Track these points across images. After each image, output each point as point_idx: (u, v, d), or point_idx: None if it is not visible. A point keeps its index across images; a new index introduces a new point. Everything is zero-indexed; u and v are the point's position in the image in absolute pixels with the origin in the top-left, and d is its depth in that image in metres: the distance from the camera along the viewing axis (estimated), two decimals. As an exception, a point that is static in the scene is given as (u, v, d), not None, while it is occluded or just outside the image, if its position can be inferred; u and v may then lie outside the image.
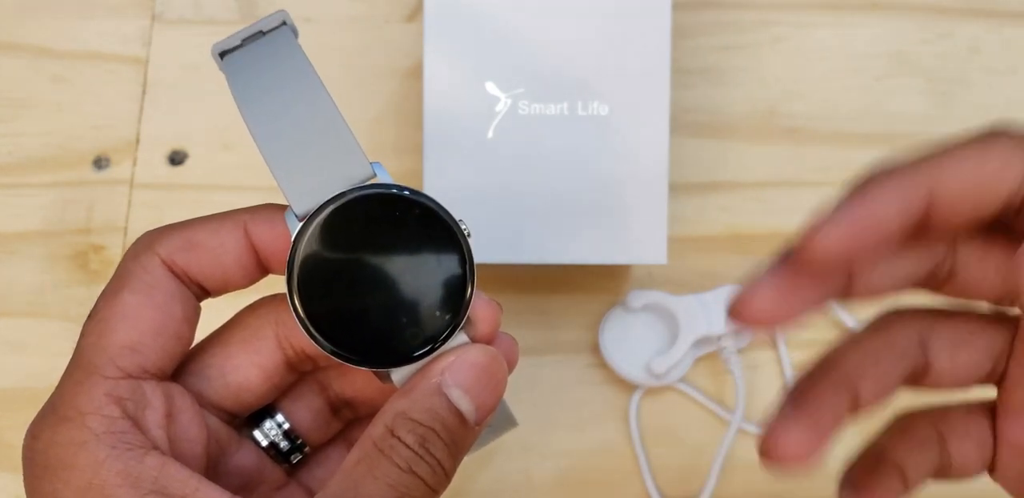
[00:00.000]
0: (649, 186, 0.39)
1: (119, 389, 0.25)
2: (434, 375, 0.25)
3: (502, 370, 0.26)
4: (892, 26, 0.47)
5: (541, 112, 0.39)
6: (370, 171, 0.26)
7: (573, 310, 0.43)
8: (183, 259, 0.27)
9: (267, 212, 0.27)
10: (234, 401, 0.28)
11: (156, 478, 0.24)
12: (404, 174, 0.45)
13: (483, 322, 0.27)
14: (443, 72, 0.39)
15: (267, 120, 0.25)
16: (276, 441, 0.29)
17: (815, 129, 0.46)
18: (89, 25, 0.47)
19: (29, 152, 0.46)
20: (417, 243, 0.25)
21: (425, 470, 0.25)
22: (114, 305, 0.26)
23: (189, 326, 0.27)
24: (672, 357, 0.40)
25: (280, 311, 0.28)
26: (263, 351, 0.28)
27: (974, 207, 0.24)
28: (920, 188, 0.23)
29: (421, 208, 0.26)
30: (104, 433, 0.24)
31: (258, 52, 0.26)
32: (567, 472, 0.41)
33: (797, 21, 0.47)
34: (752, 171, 0.45)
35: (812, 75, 0.46)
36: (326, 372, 0.30)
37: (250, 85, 0.26)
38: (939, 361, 0.27)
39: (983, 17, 0.47)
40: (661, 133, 0.39)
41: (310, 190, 0.25)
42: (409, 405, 0.25)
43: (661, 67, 0.39)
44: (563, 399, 0.42)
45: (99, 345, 0.26)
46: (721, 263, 0.44)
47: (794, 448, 0.25)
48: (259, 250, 0.27)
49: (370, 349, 0.25)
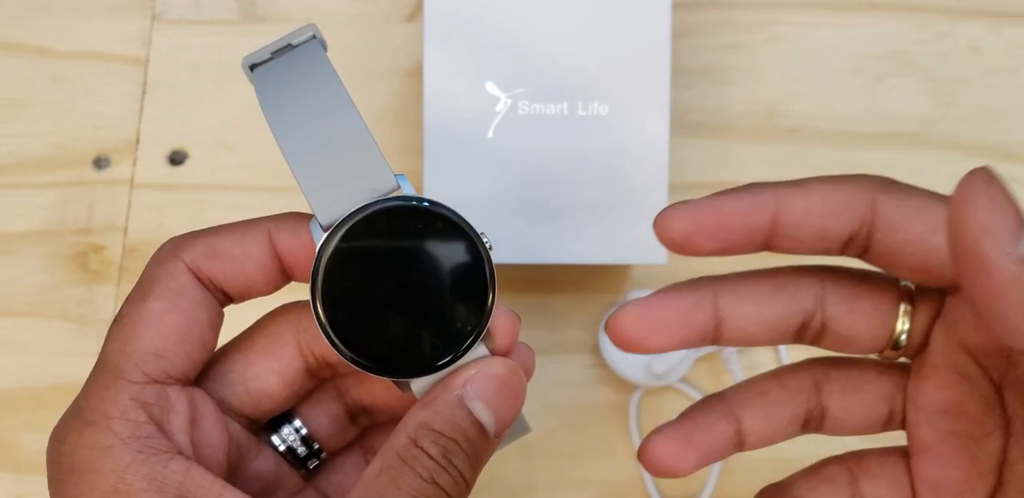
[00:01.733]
0: (649, 186, 0.39)
1: (144, 394, 0.25)
2: (456, 387, 0.26)
3: (521, 383, 0.27)
4: (892, 26, 0.47)
5: (541, 112, 0.39)
6: (394, 183, 0.26)
7: (573, 310, 0.43)
8: (208, 266, 0.27)
9: (291, 221, 0.28)
10: (255, 407, 0.28)
11: (181, 483, 0.24)
12: (404, 174, 0.44)
13: (502, 334, 0.27)
14: (443, 72, 0.39)
15: (294, 132, 0.26)
16: (294, 446, 0.30)
17: (815, 129, 0.46)
18: (89, 25, 0.47)
19: (29, 152, 0.46)
20: (439, 255, 0.26)
21: (447, 481, 0.25)
22: (140, 310, 0.26)
23: (213, 332, 0.28)
24: (672, 357, 0.40)
25: (301, 318, 0.28)
26: (284, 358, 0.28)
27: (817, 233, 0.26)
28: (767, 200, 0.26)
29: (444, 221, 0.26)
30: (129, 438, 0.24)
31: (287, 65, 0.26)
32: (567, 471, 0.41)
33: (797, 21, 0.47)
34: (752, 171, 0.45)
35: (812, 75, 0.46)
36: (344, 379, 0.30)
37: (278, 97, 0.26)
38: (832, 406, 0.28)
39: (983, 17, 0.47)
40: (661, 133, 0.39)
41: (336, 201, 0.25)
42: (432, 416, 0.25)
43: (661, 67, 0.39)
44: (563, 399, 0.42)
45: (125, 350, 0.26)
46: (721, 263, 0.44)
47: (664, 458, 0.28)
48: (283, 258, 0.28)
49: (391, 359, 0.26)
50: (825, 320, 0.27)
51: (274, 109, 0.26)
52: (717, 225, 0.26)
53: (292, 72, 0.26)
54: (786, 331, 0.28)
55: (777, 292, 0.27)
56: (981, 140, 0.45)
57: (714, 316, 0.27)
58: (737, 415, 0.29)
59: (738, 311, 0.27)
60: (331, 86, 0.26)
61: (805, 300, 0.27)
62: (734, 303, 0.27)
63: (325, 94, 0.26)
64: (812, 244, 0.26)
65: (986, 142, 0.45)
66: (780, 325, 0.27)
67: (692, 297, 0.27)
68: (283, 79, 0.26)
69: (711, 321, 0.27)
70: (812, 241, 0.26)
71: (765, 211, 0.26)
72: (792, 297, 0.27)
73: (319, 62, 0.26)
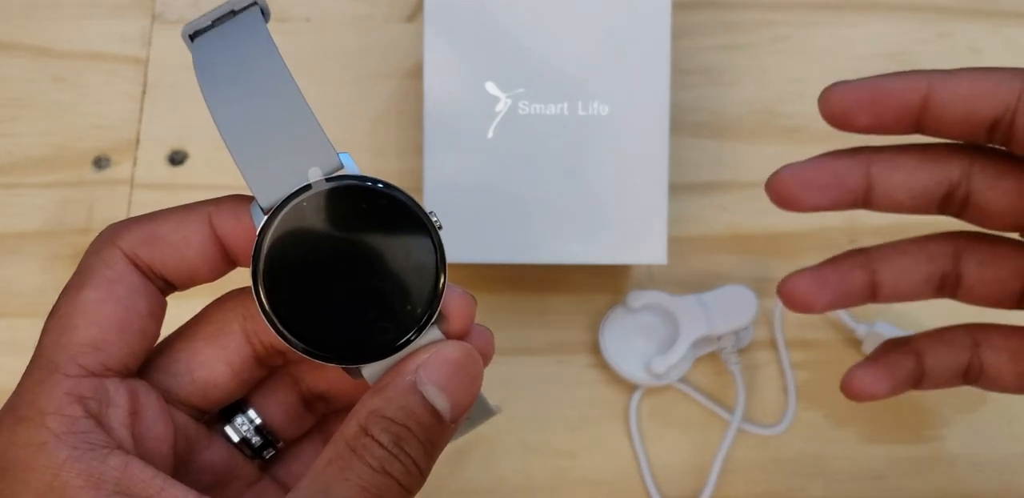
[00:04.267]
0: (649, 186, 0.39)
1: (81, 387, 0.24)
2: (408, 372, 0.25)
3: (477, 366, 0.26)
4: (892, 26, 0.47)
5: (541, 112, 0.39)
6: (337, 162, 0.25)
7: (573, 310, 0.43)
8: (146, 253, 0.26)
9: (232, 204, 0.27)
10: (202, 397, 0.28)
11: (119, 479, 0.23)
12: (404, 174, 0.45)
13: (456, 316, 0.26)
14: (443, 72, 0.39)
15: (231, 107, 0.24)
16: (248, 437, 0.29)
17: (815, 129, 0.46)
18: (89, 25, 0.47)
19: (29, 152, 0.46)
20: (386, 236, 0.25)
21: (399, 469, 0.24)
22: (75, 301, 0.25)
23: (154, 321, 0.27)
24: (672, 357, 0.40)
25: (247, 305, 0.28)
26: (230, 346, 0.28)
27: (964, 115, 0.28)
28: (920, 82, 0.28)
29: (390, 200, 0.25)
30: (65, 433, 0.24)
31: (226, 36, 0.25)
32: (567, 472, 0.41)
33: (797, 21, 0.47)
34: (752, 171, 0.45)
35: (812, 75, 0.46)
36: (298, 366, 0.30)
37: (215, 70, 0.25)
38: (968, 275, 0.31)
39: (983, 17, 0.47)
40: (661, 133, 0.39)
41: (275, 181, 0.24)
42: (383, 403, 0.25)
43: (661, 67, 0.39)
44: (563, 399, 0.42)
45: (59, 343, 0.25)
46: (721, 263, 0.44)
47: (800, 295, 0.31)
48: (225, 243, 0.27)
49: (339, 345, 0.25)
50: (969, 192, 0.29)
51: (210, 83, 0.25)
52: (873, 101, 0.28)
53: (230, 43, 0.25)
54: (931, 200, 0.30)
55: (927, 163, 0.30)
56: (981, 140, 0.45)
57: (866, 181, 0.30)
58: (874, 267, 0.31)
59: (889, 178, 0.30)
60: (270, 60, 0.25)
61: (953, 172, 0.29)
62: (886, 170, 0.30)
63: (264, 68, 0.25)
64: (959, 127, 0.28)
65: (986, 142, 0.45)
66: (927, 193, 0.30)
67: (848, 162, 0.30)
68: (221, 51, 0.25)
69: (863, 185, 0.30)
70: (959, 123, 0.28)
71: (918, 91, 0.28)
72: (941, 168, 0.30)
73: (258, 34, 0.25)
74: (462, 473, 0.41)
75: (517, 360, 0.43)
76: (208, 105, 0.24)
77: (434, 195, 0.39)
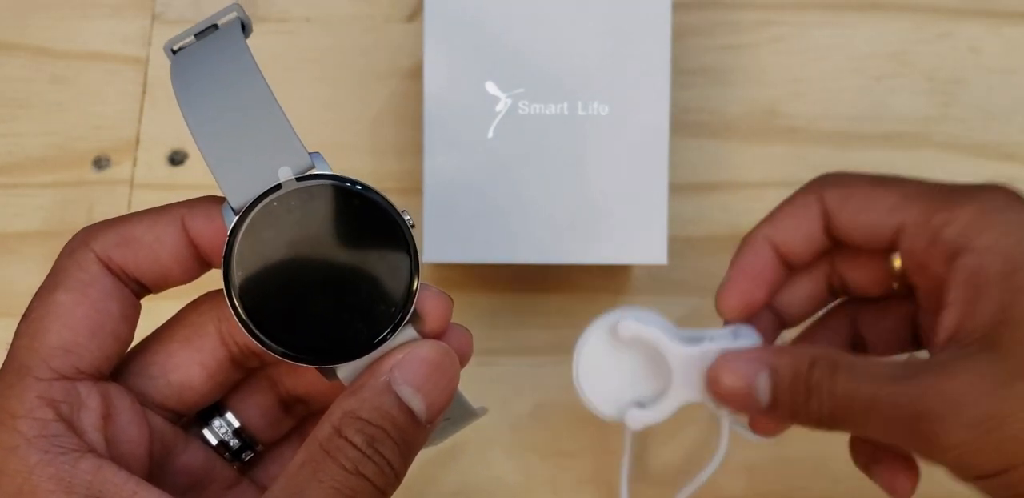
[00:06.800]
0: (649, 186, 0.39)
1: (52, 391, 0.24)
2: (383, 372, 0.25)
3: (454, 366, 0.26)
4: (892, 26, 0.47)
5: (541, 112, 0.39)
6: (308, 162, 0.25)
7: (573, 310, 0.43)
8: (119, 255, 0.26)
9: (204, 205, 0.27)
10: (178, 400, 0.28)
11: (91, 482, 0.23)
12: (404, 174, 0.45)
13: (432, 316, 0.26)
14: (443, 72, 0.39)
15: (201, 107, 0.24)
16: (226, 439, 0.29)
17: (815, 129, 0.46)
18: (89, 25, 0.47)
19: (29, 152, 0.46)
20: (359, 235, 0.25)
21: (373, 471, 0.24)
22: (47, 304, 0.25)
23: (127, 324, 0.26)
24: (655, 416, 0.33)
25: (223, 307, 0.27)
26: (205, 349, 0.27)
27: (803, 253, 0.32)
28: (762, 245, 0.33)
29: (362, 199, 0.25)
30: (36, 437, 0.24)
31: (202, 45, 0.25)
32: (566, 472, 0.41)
33: (797, 21, 0.47)
34: (752, 171, 0.45)
35: (812, 75, 0.46)
36: (275, 368, 0.30)
37: (188, 74, 0.25)
38: (867, 333, 0.34)
39: (983, 17, 0.47)
40: (661, 133, 0.39)
41: (245, 181, 0.24)
42: (357, 404, 0.25)
43: (661, 67, 0.39)
44: (563, 399, 0.42)
45: (31, 346, 0.25)
46: (721, 263, 0.44)
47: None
48: (198, 245, 0.27)
49: (313, 346, 0.25)
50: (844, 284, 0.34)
51: (183, 85, 0.25)
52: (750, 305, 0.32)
53: (205, 52, 0.25)
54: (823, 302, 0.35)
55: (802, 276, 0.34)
56: (980, 140, 0.45)
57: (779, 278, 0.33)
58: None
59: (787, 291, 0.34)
60: (241, 61, 0.25)
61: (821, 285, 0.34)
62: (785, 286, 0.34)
63: (234, 68, 0.25)
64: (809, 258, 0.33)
65: (985, 142, 0.45)
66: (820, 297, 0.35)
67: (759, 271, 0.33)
68: (195, 59, 0.25)
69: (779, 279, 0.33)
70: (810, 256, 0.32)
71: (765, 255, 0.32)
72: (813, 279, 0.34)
73: (233, 42, 0.25)
74: (461, 473, 0.41)
75: (517, 360, 0.43)
76: (180, 107, 0.24)
77: (434, 195, 0.39)
